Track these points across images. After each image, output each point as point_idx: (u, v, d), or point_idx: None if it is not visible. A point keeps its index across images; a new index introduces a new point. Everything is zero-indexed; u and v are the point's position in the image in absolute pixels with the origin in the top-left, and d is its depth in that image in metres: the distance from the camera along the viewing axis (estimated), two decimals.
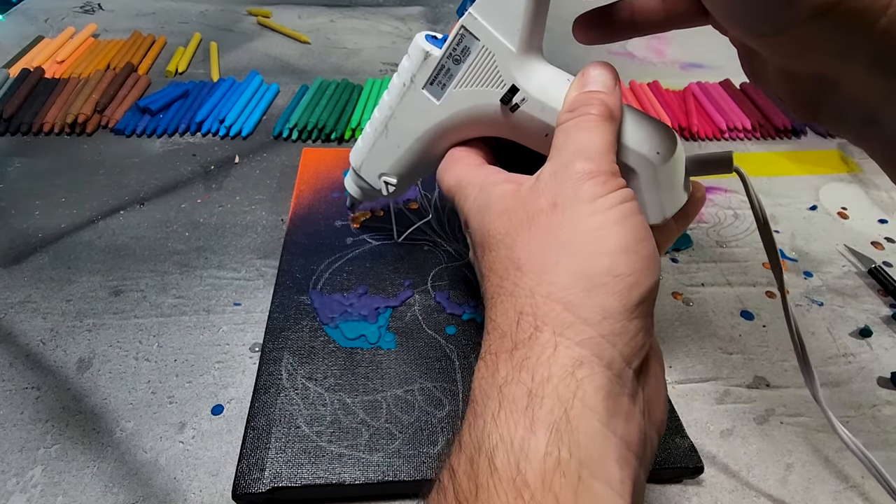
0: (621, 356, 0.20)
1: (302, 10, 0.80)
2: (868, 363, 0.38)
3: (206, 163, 0.51)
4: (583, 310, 0.20)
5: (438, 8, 0.84)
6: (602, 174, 0.22)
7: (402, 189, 0.34)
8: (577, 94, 0.25)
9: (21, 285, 0.39)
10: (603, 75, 0.25)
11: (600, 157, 0.22)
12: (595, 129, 0.23)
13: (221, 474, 0.30)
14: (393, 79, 0.30)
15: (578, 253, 0.21)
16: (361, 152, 0.33)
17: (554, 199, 0.22)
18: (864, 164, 0.56)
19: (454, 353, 0.35)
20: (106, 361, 0.35)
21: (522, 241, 0.22)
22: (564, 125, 0.24)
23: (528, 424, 0.18)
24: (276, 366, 0.34)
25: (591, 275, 0.20)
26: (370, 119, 0.32)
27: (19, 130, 0.53)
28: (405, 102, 0.29)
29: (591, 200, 0.21)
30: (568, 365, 0.19)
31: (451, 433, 0.31)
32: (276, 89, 0.61)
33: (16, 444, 0.31)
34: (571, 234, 0.21)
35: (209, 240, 0.44)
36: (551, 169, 0.23)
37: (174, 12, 0.77)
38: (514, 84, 0.26)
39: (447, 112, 0.28)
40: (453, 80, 0.27)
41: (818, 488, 0.31)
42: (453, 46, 0.27)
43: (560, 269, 0.20)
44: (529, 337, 0.20)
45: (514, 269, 0.22)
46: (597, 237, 0.21)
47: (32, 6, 0.76)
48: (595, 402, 0.18)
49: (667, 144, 0.25)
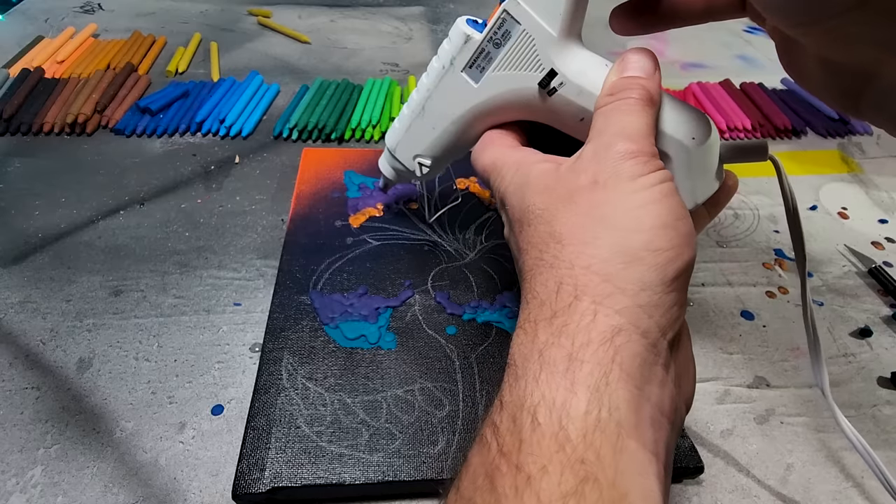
0: (657, 326, 0.20)
1: (302, 10, 0.80)
2: (868, 363, 0.38)
3: (206, 163, 0.51)
4: (621, 281, 0.20)
5: (439, 8, 0.84)
6: (643, 154, 0.22)
7: (436, 171, 0.35)
8: (618, 78, 0.25)
9: (21, 285, 0.39)
10: (643, 61, 0.25)
11: (641, 138, 0.23)
12: (636, 113, 0.24)
13: (221, 474, 0.30)
14: (432, 61, 0.31)
15: (618, 228, 0.21)
16: (397, 133, 0.34)
17: (595, 176, 0.22)
18: (864, 164, 0.56)
19: (454, 353, 0.35)
20: (106, 361, 0.35)
21: (563, 216, 0.22)
22: (605, 108, 0.24)
23: (568, 385, 0.19)
24: (276, 366, 0.34)
25: (630, 249, 0.21)
26: (408, 101, 0.33)
27: (19, 130, 0.53)
28: (443, 85, 0.30)
29: (631, 179, 0.22)
30: (606, 332, 0.20)
31: (451, 433, 0.31)
32: (276, 89, 0.61)
33: (16, 444, 0.31)
34: (612, 210, 0.21)
35: (209, 240, 0.44)
36: (592, 149, 0.23)
37: (174, 12, 0.77)
38: (552, 68, 0.26)
39: (485, 95, 0.29)
40: (492, 64, 0.28)
41: (818, 488, 0.31)
42: (494, 30, 0.27)
43: (600, 243, 0.21)
44: (569, 305, 0.21)
45: (555, 242, 0.22)
46: (637, 214, 0.21)
47: (32, 6, 0.76)
48: (632, 369, 0.19)
49: (702, 131, 0.25)
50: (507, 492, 0.18)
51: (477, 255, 0.42)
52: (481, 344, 0.36)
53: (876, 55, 0.19)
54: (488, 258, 0.41)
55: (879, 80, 0.20)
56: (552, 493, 0.17)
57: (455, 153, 0.33)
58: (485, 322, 0.37)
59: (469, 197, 0.46)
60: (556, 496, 0.17)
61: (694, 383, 0.23)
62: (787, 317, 0.41)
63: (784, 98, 0.64)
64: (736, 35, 0.80)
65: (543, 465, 0.18)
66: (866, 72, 0.21)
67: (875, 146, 0.59)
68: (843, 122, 0.61)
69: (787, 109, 0.62)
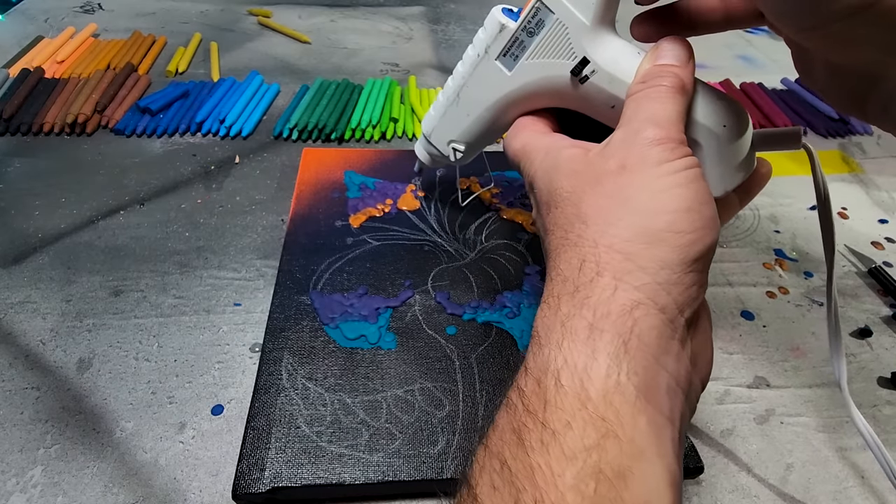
0: (675, 303, 0.21)
1: (302, 10, 0.80)
2: (868, 363, 0.38)
3: (206, 163, 0.51)
4: (642, 259, 0.21)
5: (439, 8, 0.84)
6: (671, 141, 0.23)
7: (470, 156, 0.36)
8: (651, 66, 0.25)
9: (21, 285, 0.39)
10: (677, 49, 0.26)
11: (670, 125, 0.23)
12: (666, 100, 0.24)
13: (221, 474, 0.30)
14: (468, 49, 0.32)
15: (642, 210, 0.22)
16: (433, 119, 0.35)
17: (623, 161, 0.23)
18: (864, 164, 0.56)
19: (454, 353, 0.35)
20: (106, 361, 0.35)
21: (589, 197, 0.23)
22: (636, 95, 0.25)
23: (590, 352, 0.20)
24: (276, 366, 0.34)
25: (653, 230, 0.21)
26: (443, 88, 0.34)
27: (19, 130, 0.53)
28: (478, 72, 0.31)
29: (658, 164, 0.22)
30: (626, 305, 0.20)
31: (451, 433, 0.31)
32: (276, 89, 0.61)
33: (16, 444, 0.31)
34: (637, 192, 0.22)
35: (209, 240, 0.44)
36: (622, 135, 0.24)
37: (174, 12, 0.77)
38: (584, 56, 0.27)
39: (518, 83, 0.30)
40: (526, 52, 0.29)
41: (818, 488, 0.31)
42: (528, 19, 0.28)
43: (623, 224, 0.22)
44: (591, 280, 0.21)
45: (580, 222, 0.23)
46: (661, 197, 0.22)
47: (32, 6, 0.76)
48: (649, 340, 0.20)
49: (733, 118, 0.25)
50: (534, 445, 0.19)
51: (477, 255, 0.42)
52: (481, 344, 0.36)
53: (881, 58, 0.20)
54: (488, 258, 0.41)
55: (885, 83, 0.21)
56: (576, 445, 0.18)
57: (488, 139, 0.34)
58: (485, 322, 0.37)
59: (469, 195, 0.46)
60: (580, 448, 0.18)
61: (710, 364, 0.24)
62: (788, 317, 0.41)
63: (784, 98, 0.64)
64: (737, 35, 0.80)
65: (567, 421, 0.19)
66: (872, 75, 0.21)
67: (875, 146, 0.59)
68: (844, 122, 0.61)
69: (787, 109, 0.62)
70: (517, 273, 0.40)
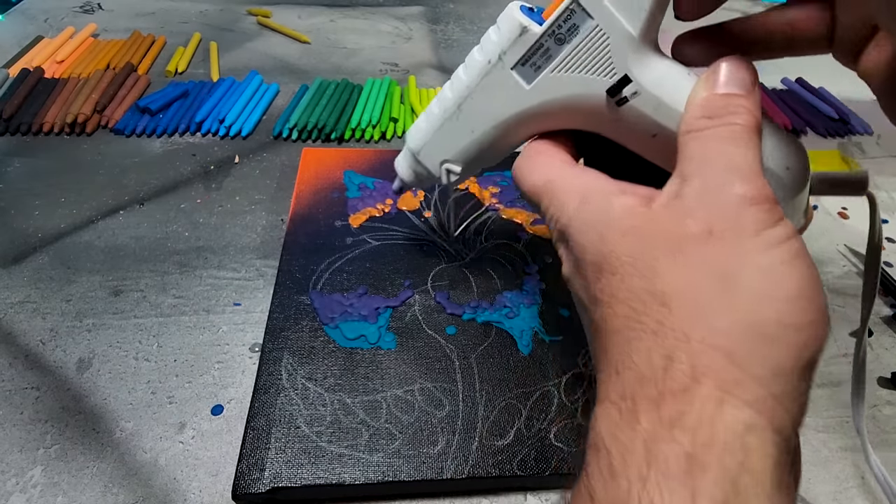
0: (791, 420, 0.17)
1: (302, 10, 0.80)
2: (868, 363, 0.38)
3: (205, 163, 0.51)
4: (752, 364, 0.17)
5: (438, 8, 0.84)
6: (766, 201, 0.19)
7: (465, 178, 0.30)
8: (711, 95, 0.21)
9: (21, 285, 0.39)
10: (741, 73, 0.21)
11: (757, 178, 0.19)
12: (744, 143, 0.20)
13: (221, 474, 0.30)
14: (473, 53, 0.26)
15: (745, 294, 0.17)
16: (423, 133, 0.29)
17: (708, 224, 0.19)
18: (864, 164, 0.56)
19: (454, 353, 0.35)
20: (105, 361, 0.35)
21: (667, 271, 0.19)
22: (702, 133, 0.21)
23: (688, 496, 0.16)
24: (275, 366, 0.33)
25: (762, 322, 0.17)
26: (437, 96, 0.28)
27: (19, 130, 0.53)
28: (487, 83, 0.26)
29: (756, 232, 0.18)
30: (738, 429, 0.16)
31: (451, 433, 0.31)
32: (275, 89, 0.61)
33: (15, 444, 0.31)
34: (735, 269, 0.18)
35: (209, 240, 0.44)
36: (700, 187, 0.19)
37: (174, 12, 0.77)
38: (626, 74, 0.23)
39: (538, 98, 0.25)
40: (551, 63, 0.24)
41: (818, 488, 0.31)
42: (559, 23, 0.23)
43: (722, 312, 0.17)
44: (684, 389, 0.17)
45: (658, 304, 0.18)
46: (768, 278, 0.18)
47: (32, 6, 0.76)
48: (763, 477, 0.16)
49: (796, 159, 0.22)
50: None
51: (477, 255, 0.42)
52: (481, 344, 0.36)
53: None
54: (488, 258, 0.41)
55: None
56: None
57: (491, 160, 0.29)
58: (485, 322, 0.37)
59: (468, 198, 0.46)
60: None
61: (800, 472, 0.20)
62: None
63: (784, 98, 0.64)
64: None
65: None
66: None
67: (875, 146, 0.59)
68: (844, 121, 0.61)
69: (787, 109, 0.62)
70: (517, 273, 0.40)
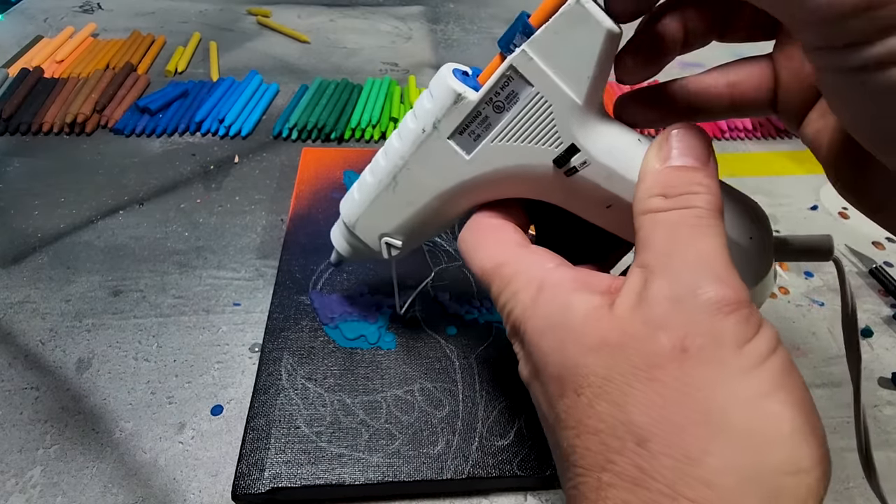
0: None
1: (301, 10, 0.80)
2: (868, 363, 0.38)
3: (205, 163, 0.51)
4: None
5: (438, 7, 0.83)
6: (743, 305, 0.16)
7: (407, 251, 0.28)
8: (664, 168, 0.19)
9: (20, 285, 0.39)
10: (693, 142, 0.19)
11: (731, 274, 0.17)
12: (711, 232, 0.18)
13: (221, 475, 0.30)
14: (406, 120, 0.24)
15: (739, 436, 0.15)
16: (358, 206, 0.27)
17: (682, 340, 0.16)
18: None
19: (454, 354, 0.35)
20: (105, 362, 0.35)
21: (640, 399, 0.16)
22: (661, 217, 0.18)
23: None
24: (275, 366, 0.33)
25: (766, 473, 0.14)
26: (371, 166, 0.27)
27: (18, 130, 0.53)
28: (423, 153, 0.24)
29: (737, 348, 0.16)
30: None
31: (451, 433, 0.31)
32: (275, 89, 0.61)
33: (15, 444, 0.31)
34: (722, 405, 0.15)
35: (209, 240, 0.44)
36: (668, 290, 0.17)
37: (173, 12, 0.77)
38: (573, 143, 0.21)
39: (479, 170, 0.23)
40: (491, 132, 0.22)
41: None
42: (496, 91, 0.21)
43: (715, 462, 0.15)
44: None
45: (633, 441, 0.16)
46: (763, 412, 0.15)
47: (32, 6, 0.76)
48: None
49: (758, 226, 0.21)
50: None
51: None
52: (481, 344, 0.36)
53: None
54: None
55: None
56: None
57: (436, 231, 0.28)
58: (485, 322, 0.37)
59: None
60: None
61: None
62: (788, 317, 0.41)
63: None
64: None
65: None
66: None
67: None
68: None
69: None
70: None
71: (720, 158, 0.20)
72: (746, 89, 0.22)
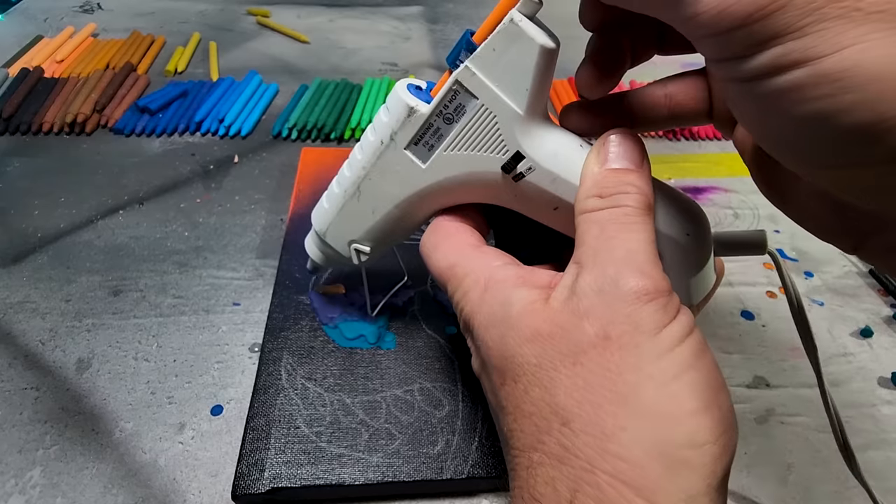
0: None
1: (301, 10, 0.80)
2: (868, 363, 0.38)
3: (205, 162, 0.51)
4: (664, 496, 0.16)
5: (437, 7, 0.83)
6: (661, 294, 0.18)
7: (377, 256, 0.30)
8: (602, 171, 0.21)
9: (20, 285, 0.39)
10: (628, 147, 0.21)
11: (652, 267, 0.18)
12: (637, 228, 0.19)
13: (221, 475, 0.30)
14: (367, 133, 0.26)
15: (649, 413, 0.16)
16: (327, 215, 0.29)
17: (605, 328, 0.18)
18: None
19: (454, 353, 0.35)
20: (105, 362, 0.35)
21: (566, 383, 0.17)
22: (596, 216, 0.20)
23: None
24: (275, 366, 0.33)
25: (670, 446, 0.16)
26: (337, 177, 0.28)
27: (18, 130, 0.53)
28: (383, 163, 0.25)
29: (654, 333, 0.17)
30: None
31: (450, 433, 0.31)
32: (275, 89, 0.61)
33: (14, 444, 0.31)
34: (635, 384, 0.17)
35: (208, 240, 0.44)
36: (594, 282, 0.18)
37: (173, 12, 0.77)
38: (518, 150, 0.23)
39: (435, 177, 0.25)
40: (443, 142, 0.24)
41: (818, 488, 0.31)
42: (444, 104, 0.23)
43: (627, 437, 0.16)
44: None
45: (559, 422, 0.17)
46: (670, 392, 0.17)
47: (32, 6, 0.76)
48: None
49: (696, 223, 0.22)
50: None
51: None
52: None
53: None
54: None
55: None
56: None
57: (400, 236, 0.29)
58: None
59: None
60: None
61: None
62: (787, 317, 0.40)
63: None
64: None
65: None
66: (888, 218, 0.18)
67: None
68: None
69: None
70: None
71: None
72: (683, 100, 0.24)
